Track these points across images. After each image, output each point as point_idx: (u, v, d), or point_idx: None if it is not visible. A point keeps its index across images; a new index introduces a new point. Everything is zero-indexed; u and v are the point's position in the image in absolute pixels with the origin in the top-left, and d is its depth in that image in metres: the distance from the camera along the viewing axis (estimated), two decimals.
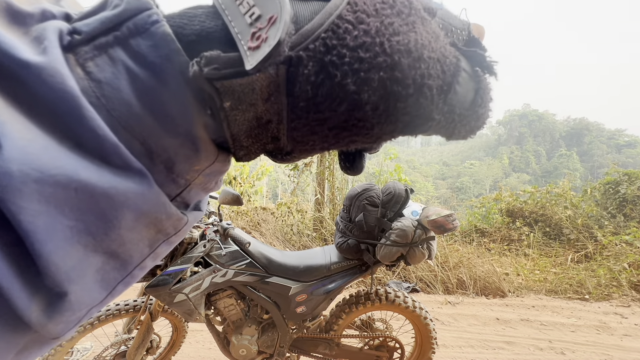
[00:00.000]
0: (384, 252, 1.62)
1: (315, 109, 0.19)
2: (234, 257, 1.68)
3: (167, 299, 1.59)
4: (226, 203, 1.49)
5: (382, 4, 0.19)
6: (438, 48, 0.20)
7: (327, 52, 0.18)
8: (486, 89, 0.22)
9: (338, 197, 4.88)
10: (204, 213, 0.26)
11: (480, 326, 2.96)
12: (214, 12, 0.20)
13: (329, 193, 4.91)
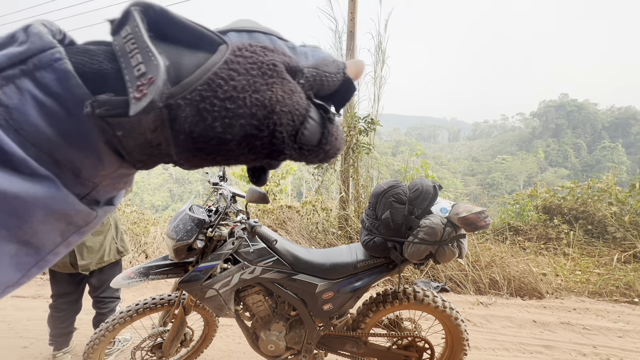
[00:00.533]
0: (411, 250, 1.58)
1: (194, 141, 0.24)
2: (261, 254, 1.71)
3: (199, 294, 1.65)
4: (253, 201, 1.52)
5: (251, 65, 0.24)
6: (291, 103, 0.25)
7: (202, 100, 0.23)
8: (331, 132, 0.27)
9: (363, 195, 4.83)
10: (115, 207, 0.30)
11: (516, 328, 2.82)
12: (111, 54, 0.24)
13: (353, 191, 4.87)
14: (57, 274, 2.23)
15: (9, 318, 2.91)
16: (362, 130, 4.64)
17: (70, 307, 2.30)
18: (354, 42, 5.19)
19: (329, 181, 5.01)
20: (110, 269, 2.33)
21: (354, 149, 4.66)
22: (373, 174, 5.13)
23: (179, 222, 1.64)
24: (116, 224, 2.38)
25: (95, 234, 2.23)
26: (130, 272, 1.67)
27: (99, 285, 2.30)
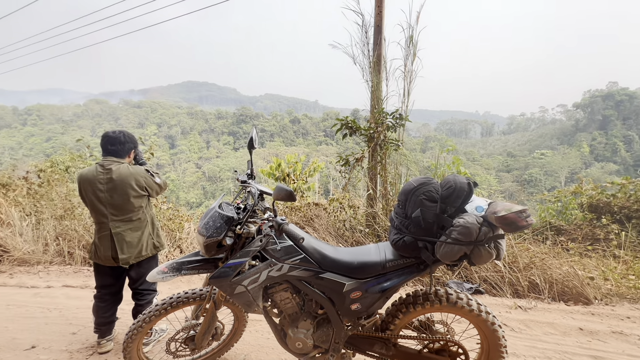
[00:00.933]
0: (444, 251, 1.51)
1: None
2: (288, 252, 1.72)
3: (228, 290, 1.69)
4: (280, 199, 1.52)
5: None
6: None
7: None
8: None
9: (391, 192, 4.72)
10: None
11: (559, 336, 2.62)
12: None
13: (381, 188, 4.77)
14: (101, 267, 2.38)
15: (60, 306, 3.16)
16: (390, 127, 4.53)
17: (112, 298, 2.45)
18: (381, 35, 5.06)
19: (356, 178, 4.94)
20: (147, 263, 2.45)
21: (382, 146, 4.55)
22: (401, 171, 4.99)
23: (209, 219, 1.68)
24: (152, 220, 2.50)
25: (133, 230, 2.35)
26: (164, 267, 1.74)
27: (137, 278, 2.43)
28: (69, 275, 3.90)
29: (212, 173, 72.64)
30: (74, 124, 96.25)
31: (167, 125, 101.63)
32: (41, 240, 4.52)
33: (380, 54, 5.04)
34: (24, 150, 77.76)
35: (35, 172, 6.04)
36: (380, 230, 4.42)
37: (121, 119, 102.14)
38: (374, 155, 4.73)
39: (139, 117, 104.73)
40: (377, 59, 4.98)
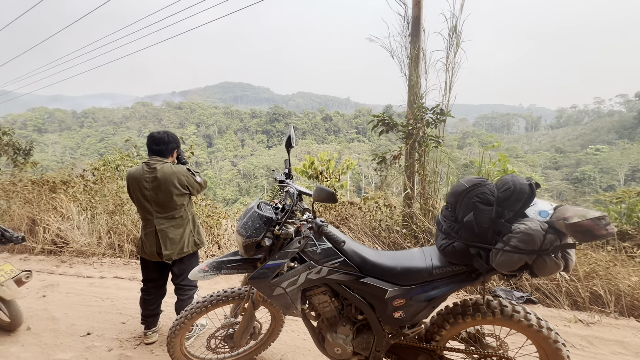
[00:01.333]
0: (501, 260, 1.36)
1: None
2: (327, 254, 1.65)
3: (267, 291, 1.66)
4: (320, 200, 1.46)
5: None
6: None
7: None
8: None
9: (429, 192, 4.50)
10: None
11: (631, 357, 2.32)
12: None
13: (418, 187, 4.57)
14: (147, 262, 2.49)
15: (112, 296, 3.38)
16: (430, 122, 4.30)
17: (157, 292, 2.55)
18: (420, 27, 4.82)
19: (392, 177, 4.77)
20: (188, 259, 2.53)
21: (421, 143, 4.34)
22: (441, 169, 4.74)
23: (248, 219, 1.67)
24: (193, 218, 2.56)
25: (176, 227, 2.43)
26: (205, 266, 1.76)
27: (179, 274, 2.51)
28: (119, 267, 4.18)
29: (247, 171, 75.02)
30: (123, 125, 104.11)
31: (205, 125, 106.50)
32: (95, 233, 4.89)
33: (419, 46, 4.82)
34: (82, 150, 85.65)
35: (90, 170, 6.55)
36: (418, 231, 4.24)
37: (164, 119, 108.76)
38: (411, 153, 4.53)
39: (180, 118, 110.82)
40: (416, 51, 4.75)
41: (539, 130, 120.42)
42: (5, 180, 6.72)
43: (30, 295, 3.39)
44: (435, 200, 4.53)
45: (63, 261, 4.44)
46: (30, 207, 5.46)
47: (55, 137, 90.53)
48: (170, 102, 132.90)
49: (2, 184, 6.46)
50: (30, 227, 5.28)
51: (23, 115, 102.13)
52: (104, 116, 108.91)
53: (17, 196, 5.93)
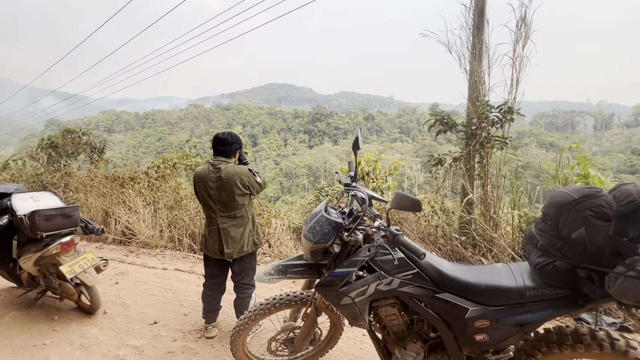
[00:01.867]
0: (624, 287, 1.14)
1: None
2: (399, 265, 1.54)
3: (335, 300, 1.59)
4: (401, 208, 1.34)
5: None
6: None
7: None
8: None
9: (492, 198, 4.12)
10: None
11: None
12: None
13: (480, 192, 4.22)
14: (209, 258, 2.58)
15: (173, 287, 3.59)
16: (495, 121, 3.94)
17: (217, 288, 2.63)
18: (484, 19, 4.45)
19: (450, 179, 4.47)
20: (248, 258, 2.56)
21: (484, 144, 4.00)
22: (510, 173, 4.33)
23: (315, 223, 1.61)
24: (253, 218, 2.60)
25: (237, 226, 2.48)
26: (270, 269, 1.74)
27: (239, 272, 2.55)
28: (179, 260, 4.44)
29: (289, 169, 76.81)
30: (178, 125, 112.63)
31: (251, 125, 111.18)
32: (157, 227, 5.26)
33: (483, 39, 4.45)
34: (142, 148, 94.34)
35: (153, 168, 7.09)
36: (479, 240, 3.91)
37: (213, 120, 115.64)
38: (472, 155, 4.19)
39: (228, 118, 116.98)
40: (480, 44, 4.39)
41: (612, 129, 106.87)
42: (83, 176, 7.56)
43: (105, 282, 3.72)
44: (498, 207, 4.15)
45: (131, 251, 4.84)
46: (104, 200, 6.05)
47: (121, 136, 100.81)
48: (220, 104, 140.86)
49: (82, 179, 7.27)
50: (103, 218, 5.86)
51: (96, 117, 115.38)
52: (162, 117, 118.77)
53: (93, 190, 6.63)
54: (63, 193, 6.91)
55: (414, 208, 1.31)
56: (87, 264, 2.87)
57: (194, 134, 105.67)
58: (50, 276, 2.92)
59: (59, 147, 9.21)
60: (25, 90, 67.97)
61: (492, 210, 4.14)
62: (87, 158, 9.67)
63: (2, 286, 3.60)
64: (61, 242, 2.80)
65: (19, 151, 15.28)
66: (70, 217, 2.88)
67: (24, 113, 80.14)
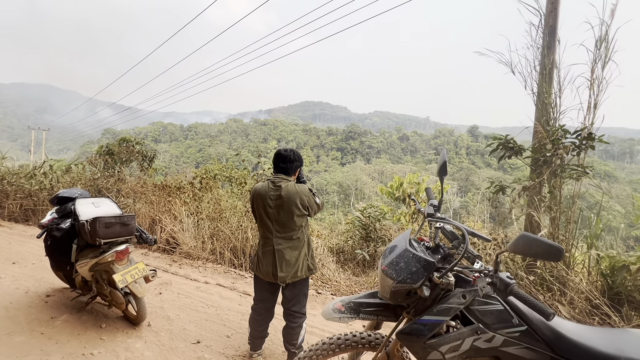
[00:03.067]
0: None
1: None
2: (502, 319, 1.27)
3: (420, 352, 1.35)
4: (527, 254, 1.09)
5: None
6: None
7: None
8: None
9: (566, 234, 3.64)
10: None
11: None
12: None
13: (550, 227, 3.75)
14: (260, 281, 2.43)
15: (215, 304, 3.49)
16: (572, 148, 3.53)
17: (266, 313, 2.46)
18: (555, 38, 4.12)
19: (517, 210, 4.04)
20: (301, 284, 2.39)
21: (558, 173, 3.58)
22: (581, 206, 3.84)
23: (399, 258, 1.40)
24: (309, 241, 2.43)
25: (292, 249, 2.32)
26: (340, 305, 1.55)
27: (291, 298, 2.38)
28: (221, 275, 4.37)
29: (319, 186, 77.01)
30: (217, 138, 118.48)
31: (285, 141, 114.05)
32: (200, 238, 5.30)
33: (553, 59, 4.11)
34: (184, 158, 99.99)
35: (198, 179, 7.29)
36: (550, 280, 3.43)
37: (250, 134, 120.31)
38: (543, 185, 3.77)
39: (264, 133, 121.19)
40: (551, 64, 4.05)
41: None
42: (134, 183, 7.96)
43: (150, 291, 3.72)
44: (572, 245, 3.65)
45: (174, 261, 4.88)
46: (152, 208, 6.27)
47: (165, 146, 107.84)
48: (257, 119, 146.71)
49: (133, 185, 7.65)
50: (150, 225, 6.04)
51: (146, 127, 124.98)
52: (203, 130, 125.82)
53: (143, 197, 6.92)
54: (115, 198, 7.29)
55: (551, 257, 1.06)
56: (138, 274, 2.86)
57: (232, 146, 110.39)
58: (103, 283, 2.94)
59: (114, 155, 9.89)
60: (89, 102, 76.62)
61: (566, 247, 3.65)
62: (138, 166, 10.27)
63: (57, 286, 3.72)
64: (117, 250, 2.82)
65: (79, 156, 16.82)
66: (127, 225, 2.92)
67: (85, 122, 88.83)
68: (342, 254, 5.48)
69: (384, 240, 5.45)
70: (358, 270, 5.01)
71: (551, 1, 4.24)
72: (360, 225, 5.77)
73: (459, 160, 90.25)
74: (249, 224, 5.00)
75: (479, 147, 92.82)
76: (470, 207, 59.72)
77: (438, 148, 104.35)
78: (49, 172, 9.39)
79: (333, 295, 3.87)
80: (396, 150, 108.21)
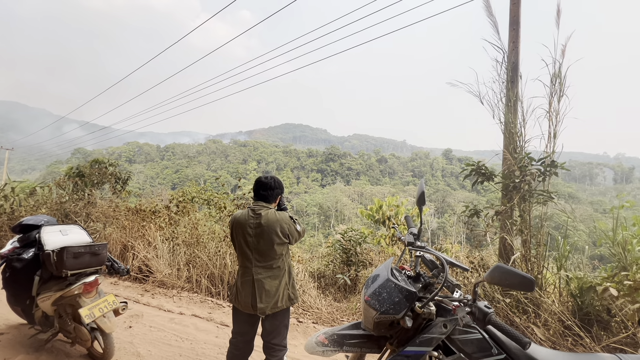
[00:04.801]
0: None
1: None
2: (482, 347, 1.30)
3: None
4: (502, 285, 1.15)
5: None
6: None
7: None
8: None
9: (537, 256, 3.80)
10: None
11: None
12: None
13: (520, 249, 3.92)
14: (239, 312, 2.35)
15: (190, 337, 3.30)
16: (537, 175, 3.77)
17: (245, 347, 2.36)
18: (517, 73, 4.50)
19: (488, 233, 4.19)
20: (281, 315, 2.32)
21: (527, 198, 3.79)
22: (549, 230, 4.05)
23: (381, 289, 1.42)
24: (289, 270, 2.40)
25: (272, 278, 2.28)
26: (323, 338, 1.52)
27: (271, 330, 2.30)
28: (197, 304, 4.17)
29: (300, 207, 76.59)
30: (195, 159, 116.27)
31: (265, 162, 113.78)
32: (175, 265, 5.07)
33: (516, 92, 4.47)
34: (159, 179, 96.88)
35: (175, 203, 7.06)
36: (525, 302, 3.54)
37: (230, 155, 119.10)
38: (512, 208, 3.97)
39: (244, 155, 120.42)
40: (515, 97, 4.39)
41: (633, 182, 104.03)
42: (106, 206, 7.59)
43: (118, 324, 3.47)
44: (542, 266, 3.82)
45: (147, 290, 4.61)
46: (124, 233, 5.97)
47: (140, 167, 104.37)
48: (237, 140, 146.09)
49: (104, 209, 7.28)
50: (122, 251, 5.72)
51: (120, 148, 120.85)
52: (181, 151, 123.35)
53: (114, 221, 6.59)
54: (84, 222, 6.90)
55: (524, 287, 1.11)
56: (107, 308, 2.68)
57: (210, 167, 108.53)
58: (66, 317, 2.72)
59: (85, 177, 9.44)
60: (60, 120, 73.64)
61: (536, 270, 3.81)
62: (111, 188, 9.84)
63: (12, 322, 3.40)
64: (85, 282, 2.65)
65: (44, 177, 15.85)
66: (97, 255, 2.76)
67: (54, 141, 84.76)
68: (322, 278, 5.40)
69: (365, 264, 5.45)
70: (339, 295, 4.95)
71: (512, 40, 4.66)
72: (341, 248, 5.76)
73: (435, 182, 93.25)
74: (227, 250, 4.86)
75: (454, 169, 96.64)
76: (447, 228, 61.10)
77: (415, 170, 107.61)
78: (10, 194, 8.79)
79: (314, 324, 3.77)
80: (375, 172, 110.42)
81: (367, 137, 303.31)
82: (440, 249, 5.30)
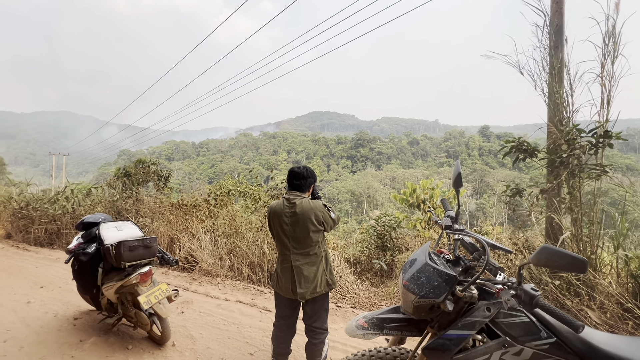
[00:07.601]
0: None
1: None
2: (530, 331, 1.26)
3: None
4: (550, 267, 1.09)
5: None
6: None
7: None
8: None
9: (590, 236, 3.53)
10: None
11: None
12: None
13: (571, 228, 3.65)
14: (281, 297, 2.46)
15: (237, 321, 3.52)
16: (588, 147, 3.46)
17: (288, 329, 2.48)
18: (562, 37, 4.10)
19: (535, 213, 3.95)
20: (321, 300, 2.40)
21: (576, 173, 3.50)
22: (602, 206, 3.73)
23: (420, 273, 1.41)
24: (326, 256, 2.45)
25: (310, 265, 2.35)
26: (363, 322, 1.55)
27: (312, 314, 2.39)
28: (240, 291, 4.41)
29: (331, 195, 76.89)
30: (228, 153, 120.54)
31: (295, 152, 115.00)
32: (217, 255, 5.37)
33: (562, 58, 4.08)
34: (197, 174, 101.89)
35: (213, 196, 7.42)
36: (577, 284, 3.32)
37: (260, 147, 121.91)
38: (560, 185, 3.69)
39: (274, 146, 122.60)
40: (560, 63, 4.02)
41: None
42: (152, 202, 8.17)
43: (172, 311, 3.78)
44: (596, 246, 3.54)
45: (194, 279, 4.95)
46: (170, 227, 6.41)
47: (179, 164, 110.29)
48: (267, 132, 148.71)
49: (150, 205, 7.85)
50: (169, 244, 6.17)
51: (159, 147, 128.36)
52: (215, 146, 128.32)
53: (160, 216, 7.09)
54: (134, 218, 7.49)
55: (575, 269, 1.05)
56: (162, 295, 2.93)
57: (243, 160, 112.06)
58: (128, 304, 3.02)
59: (132, 176, 10.20)
60: (105, 125, 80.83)
61: (589, 250, 3.54)
62: (155, 185, 10.55)
63: (84, 309, 3.83)
64: (140, 272, 2.91)
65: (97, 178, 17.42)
66: (149, 247, 3.00)
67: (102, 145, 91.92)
68: (358, 264, 5.45)
69: (401, 249, 5.40)
70: (376, 280, 4.97)
71: (555, 1, 4.23)
72: (375, 234, 5.74)
73: (472, 162, 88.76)
74: (265, 239, 5.05)
75: (492, 147, 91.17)
76: (486, 209, 58.29)
77: (449, 150, 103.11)
78: (70, 196, 9.75)
79: (353, 308, 3.84)
80: (406, 155, 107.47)
81: (396, 119, 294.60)
82: (480, 232, 5.10)
